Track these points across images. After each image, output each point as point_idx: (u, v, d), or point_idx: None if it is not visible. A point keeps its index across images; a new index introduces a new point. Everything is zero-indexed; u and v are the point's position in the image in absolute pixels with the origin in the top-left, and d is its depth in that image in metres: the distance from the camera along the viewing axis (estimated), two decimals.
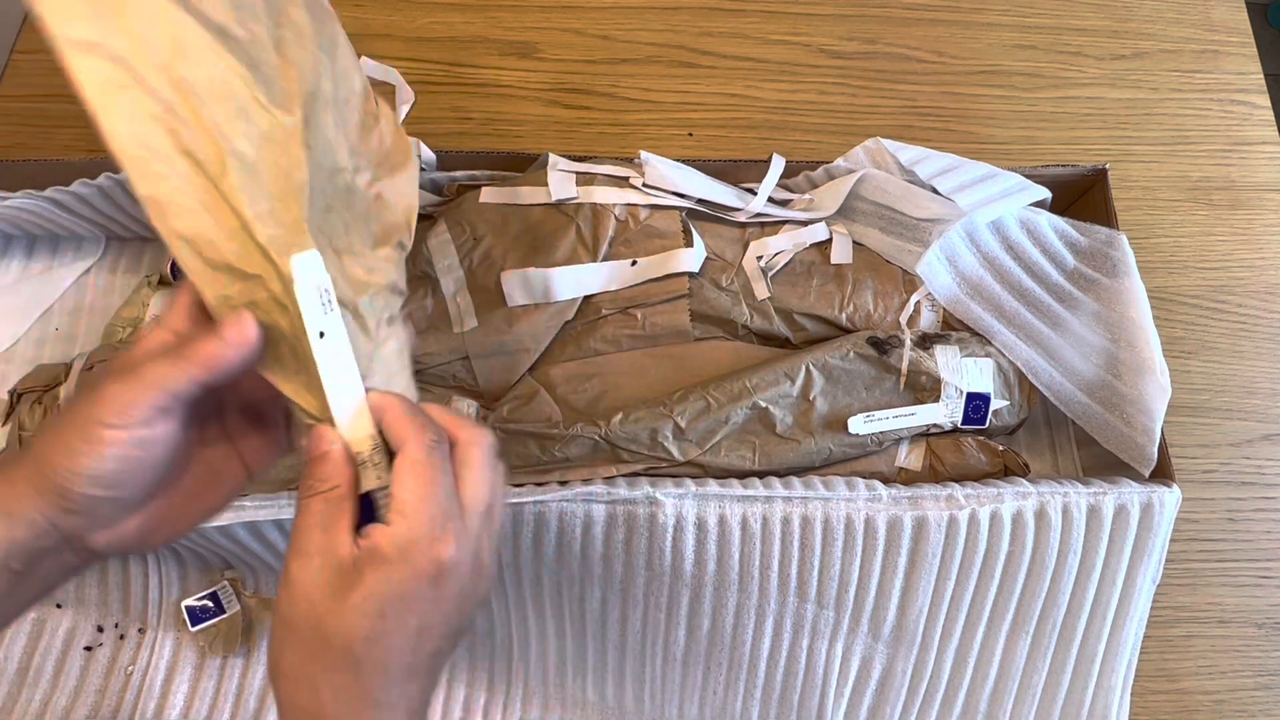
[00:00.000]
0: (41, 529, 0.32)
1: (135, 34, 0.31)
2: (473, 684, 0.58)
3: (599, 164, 0.61)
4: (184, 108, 0.32)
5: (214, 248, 0.32)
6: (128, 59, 0.31)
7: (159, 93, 0.31)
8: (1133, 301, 0.58)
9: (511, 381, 0.58)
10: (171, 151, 0.32)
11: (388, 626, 0.31)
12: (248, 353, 0.33)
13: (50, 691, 0.56)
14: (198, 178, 0.32)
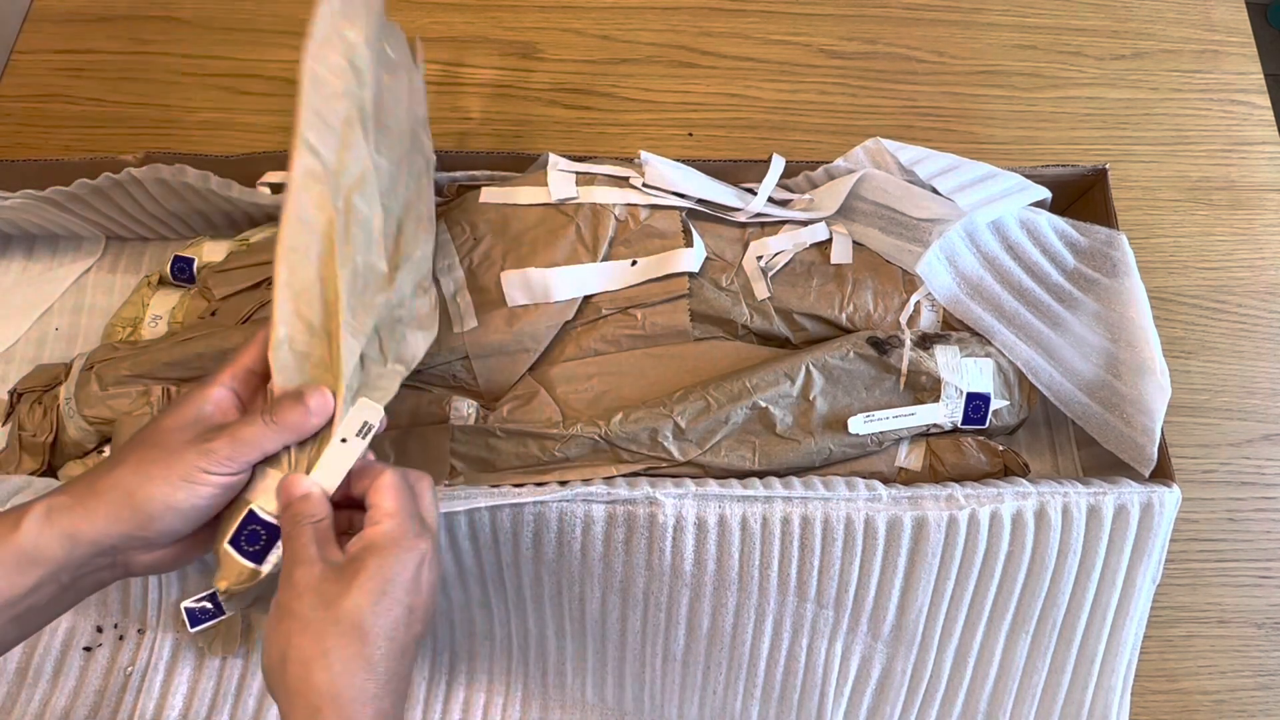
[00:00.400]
0: (102, 549, 0.39)
1: (343, 160, 0.45)
2: (472, 685, 0.58)
3: (599, 164, 0.61)
4: (342, 215, 0.45)
5: (308, 304, 0.44)
6: (331, 170, 0.45)
7: (334, 199, 0.45)
8: (1133, 301, 0.58)
9: (511, 381, 0.58)
10: (319, 230, 0.44)
11: (389, 603, 0.37)
12: (325, 420, 0.42)
13: (49, 692, 0.56)
14: (325, 257, 0.44)
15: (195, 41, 0.78)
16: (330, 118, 0.45)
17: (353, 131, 0.46)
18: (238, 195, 0.61)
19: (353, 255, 0.45)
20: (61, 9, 0.79)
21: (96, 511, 0.39)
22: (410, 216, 0.53)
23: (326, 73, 0.45)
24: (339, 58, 0.46)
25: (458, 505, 0.50)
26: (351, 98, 0.46)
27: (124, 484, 0.39)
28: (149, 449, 0.40)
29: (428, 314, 0.53)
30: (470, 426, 0.56)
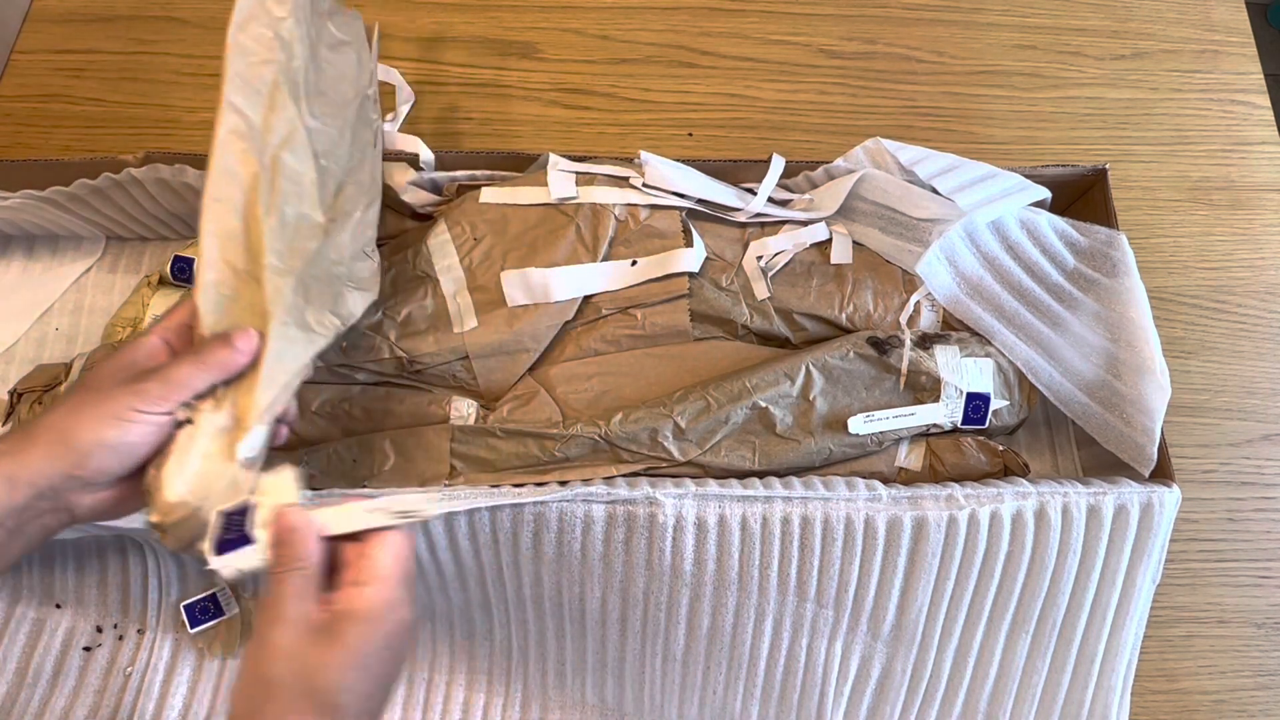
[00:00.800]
0: (41, 491, 0.39)
1: (269, 120, 0.49)
2: (471, 686, 0.58)
3: (599, 164, 0.61)
4: (267, 170, 0.48)
5: (233, 250, 0.47)
6: (256, 128, 0.48)
7: (259, 154, 0.48)
8: (1133, 301, 0.58)
9: (511, 381, 0.58)
10: (244, 183, 0.47)
11: (365, 677, 0.37)
12: (252, 358, 0.44)
13: (49, 691, 0.56)
14: (250, 206, 0.47)
15: (195, 41, 0.78)
16: (255, 82, 0.49)
17: (280, 94, 0.49)
18: None
19: (280, 205, 0.48)
20: (61, 9, 0.79)
21: (31, 454, 0.39)
22: (352, 180, 0.54)
23: (250, 41, 0.49)
24: (263, 29, 0.49)
25: (458, 505, 0.50)
26: (278, 66, 0.49)
27: (58, 425, 0.40)
28: (83, 392, 0.41)
29: (368, 277, 0.54)
30: (470, 426, 0.56)
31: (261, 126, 0.48)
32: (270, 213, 0.47)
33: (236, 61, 0.49)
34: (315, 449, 0.56)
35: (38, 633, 0.57)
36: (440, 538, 0.52)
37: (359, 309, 0.53)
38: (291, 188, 0.49)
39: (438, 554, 0.52)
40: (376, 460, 0.56)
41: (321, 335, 0.49)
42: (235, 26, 0.49)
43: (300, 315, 0.48)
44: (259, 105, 0.49)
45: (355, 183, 0.55)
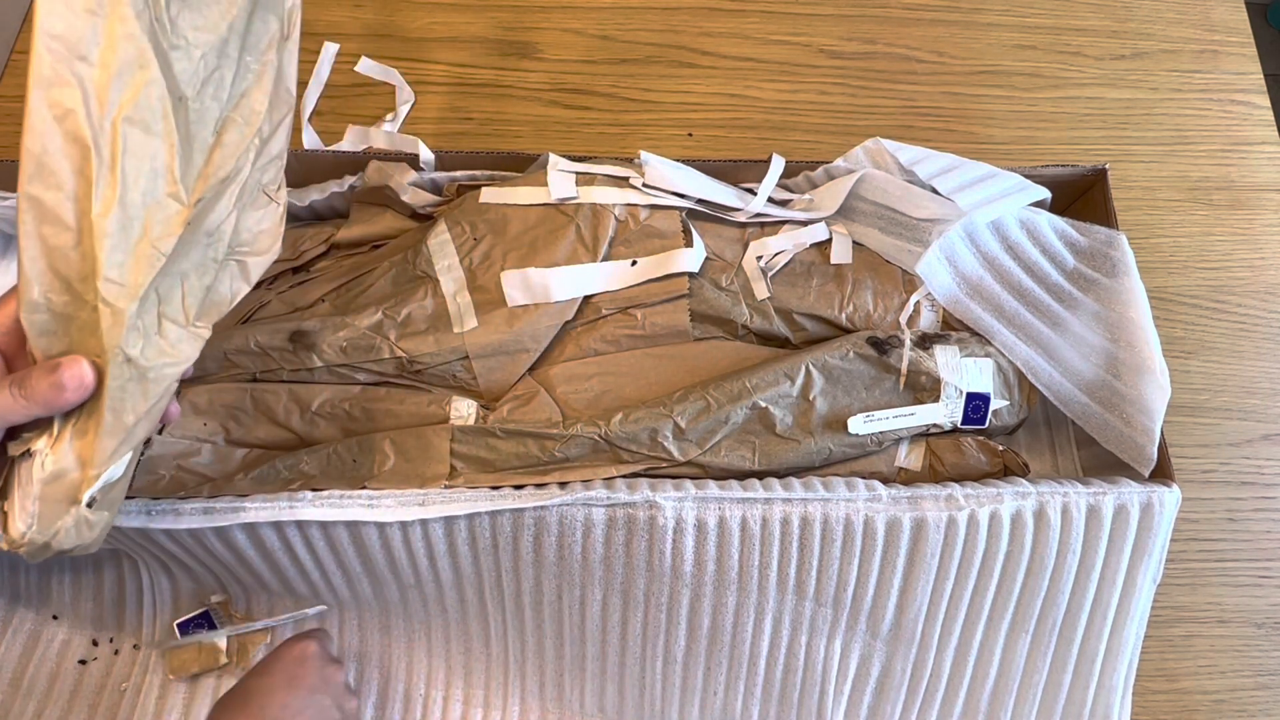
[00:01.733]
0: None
1: (108, 64, 0.35)
2: (469, 700, 0.58)
3: (599, 164, 0.61)
4: (107, 146, 0.35)
5: (65, 261, 0.36)
6: (88, 83, 0.34)
7: (93, 120, 0.35)
8: (1133, 301, 0.58)
9: (511, 381, 0.58)
10: (71, 169, 0.35)
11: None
12: (85, 396, 0.37)
13: (43, 704, 0.55)
14: (82, 201, 0.35)
15: None
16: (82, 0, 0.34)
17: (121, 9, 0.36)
18: None
19: (119, 196, 0.36)
20: None
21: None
22: (240, 113, 0.42)
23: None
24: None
25: (458, 509, 0.50)
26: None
27: None
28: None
29: (268, 229, 0.44)
30: (470, 426, 0.56)
31: (96, 80, 0.35)
32: (107, 209, 0.36)
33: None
34: (315, 449, 0.56)
35: (33, 644, 0.57)
36: (440, 544, 0.51)
37: (252, 278, 0.43)
38: (137, 168, 0.37)
39: (437, 562, 0.52)
40: (376, 460, 0.55)
41: (191, 340, 0.41)
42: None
43: (151, 335, 0.39)
44: (91, 37, 0.35)
45: (245, 114, 0.42)
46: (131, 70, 0.36)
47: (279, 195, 0.44)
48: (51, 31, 0.34)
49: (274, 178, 0.44)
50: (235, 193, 0.41)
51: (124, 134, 0.36)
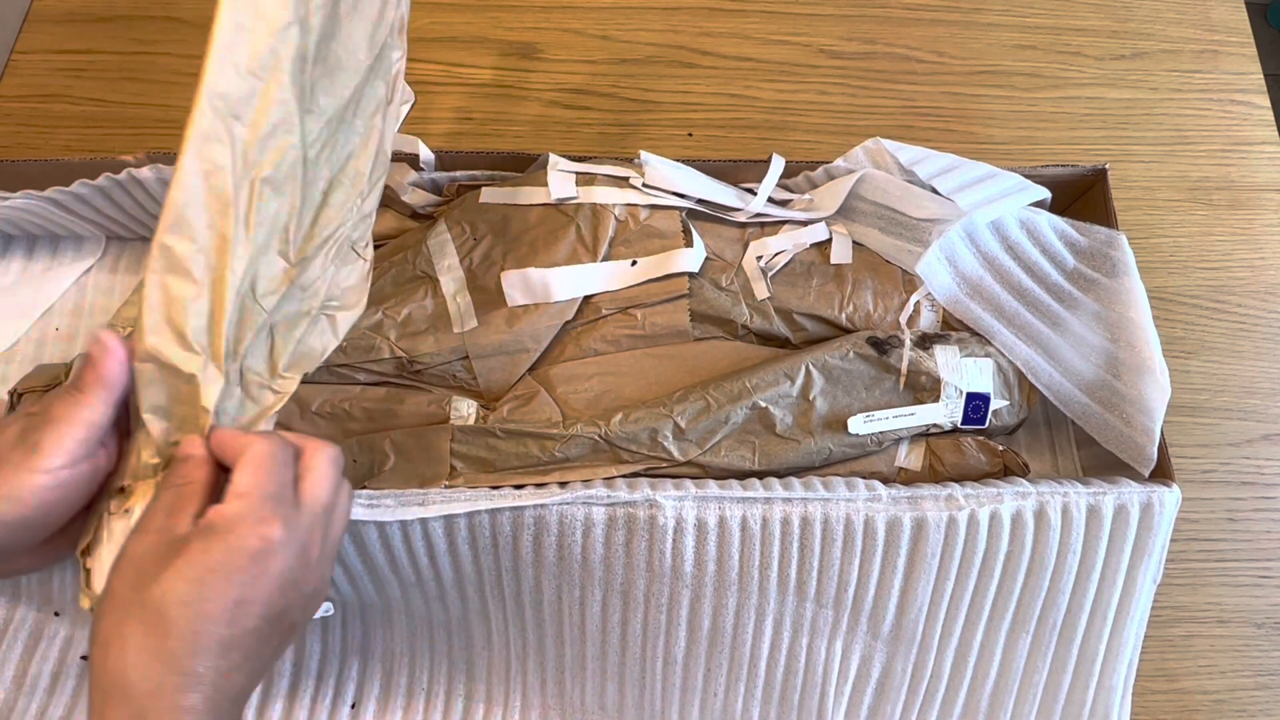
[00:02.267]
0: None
1: (259, 125, 0.36)
2: (471, 695, 0.58)
3: (599, 164, 0.61)
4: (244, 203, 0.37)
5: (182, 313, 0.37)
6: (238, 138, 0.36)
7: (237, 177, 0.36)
8: (1132, 301, 0.58)
9: (511, 381, 0.58)
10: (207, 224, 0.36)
11: (205, 594, 0.33)
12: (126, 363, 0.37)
13: (47, 700, 0.56)
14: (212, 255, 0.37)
15: (195, 41, 0.78)
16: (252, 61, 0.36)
17: (279, 79, 0.37)
18: None
19: (248, 254, 0.38)
20: (61, 9, 0.79)
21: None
22: (346, 175, 0.44)
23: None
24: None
25: (458, 508, 0.50)
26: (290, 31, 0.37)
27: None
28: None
29: (355, 285, 0.45)
30: (470, 426, 0.56)
31: (247, 136, 0.37)
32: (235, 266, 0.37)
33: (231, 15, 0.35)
34: None
35: (36, 640, 0.57)
36: (440, 543, 0.51)
37: (340, 333, 0.44)
38: (263, 225, 0.38)
39: (438, 561, 0.52)
40: (376, 460, 0.56)
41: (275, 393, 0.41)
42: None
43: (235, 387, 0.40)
44: (249, 98, 0.36)
45: (350, 173, 0.44)
46: (278, 133, 0.38)
47: (366, 252, 0.46)
48: (217, 90, 0.35)
49: (363, 235, 0.46)
50: (332, 251, 0.43)
51: (260, 193, 0.38)
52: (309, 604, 0.37)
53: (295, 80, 0.38)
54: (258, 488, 0.35)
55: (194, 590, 0.33)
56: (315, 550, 0.36)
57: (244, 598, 0.33)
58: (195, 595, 0.33)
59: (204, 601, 0.33)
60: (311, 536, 0.36)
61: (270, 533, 0.34)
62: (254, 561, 0.34)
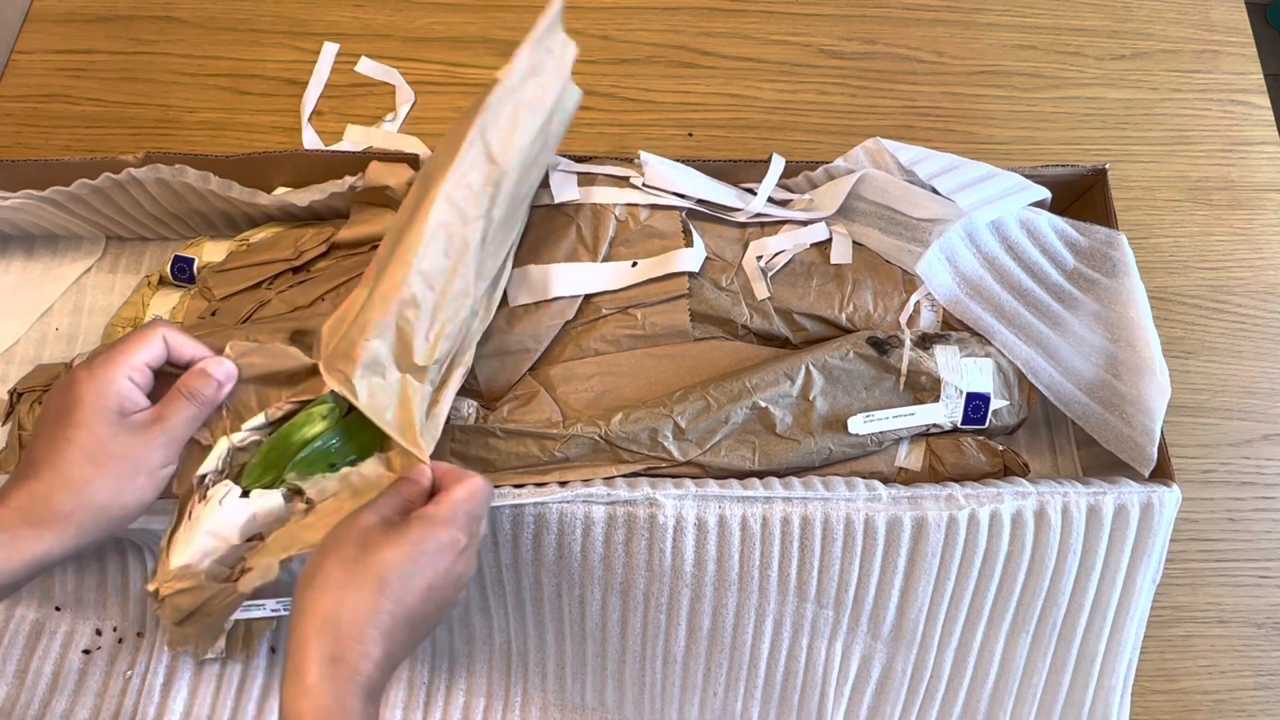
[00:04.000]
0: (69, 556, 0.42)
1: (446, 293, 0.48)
2: (471, 690, 0.58)
3: (599, 164, 0.61)
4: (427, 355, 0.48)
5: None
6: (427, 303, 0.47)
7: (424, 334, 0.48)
8: (1132, 301, 0.58)
9: (511, 381, 0.58)
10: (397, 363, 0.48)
11: (413, 570, 0.40)
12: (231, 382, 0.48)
13: (49, 694, 0.56)
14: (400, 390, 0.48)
15: (195, 41, 0.78)
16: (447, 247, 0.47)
17: (464, 264, 0.48)
18: (238, 195, 0.61)
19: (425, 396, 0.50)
20: (61, 9, 0.79)
21: (67, 533, 0.41)
22: (482, 308, 0.54)
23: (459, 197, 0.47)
24: (477, 179, 0.48)
25: None
26: (475, 227, 0.48)
27: (94, 502, 0.42)
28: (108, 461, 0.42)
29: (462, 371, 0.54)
30: (470, 426, 0.56)
31: (435, 300, 0.47)
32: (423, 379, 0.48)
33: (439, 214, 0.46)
34: None
35: (37, 635, 0.57)
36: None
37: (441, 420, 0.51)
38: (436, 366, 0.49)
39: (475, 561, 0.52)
40: None
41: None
42: (449, 185, 0.47)
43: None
44: (443, 274, 0.47)
45: (483, 309, 0.54)
46: (457, 300, 0.49)
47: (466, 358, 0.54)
48: (421, 269, 0.46)
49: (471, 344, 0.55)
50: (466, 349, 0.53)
51: (439, 347, 0.48)
52: (446, 611, 0.44)
53: (476, 257, 0.49)
54: (465, 504, 0.43)
55: (408, 565, 0.40)
56: (474, 558, 0.44)
57: (434, 584, 0.41)
58: (408, 569, 0.40)
59: (413, 577, 0.40)
60: (475, 546, 0.44)
61: (462, 539, 0.42)
62: (447, 558, 0.42)
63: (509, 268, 0.56)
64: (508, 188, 0.49)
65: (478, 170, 0.48)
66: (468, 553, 0.43)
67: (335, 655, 0.38)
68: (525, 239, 0.59)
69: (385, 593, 0.39)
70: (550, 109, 0.51)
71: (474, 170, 0.48)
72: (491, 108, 0.48)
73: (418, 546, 0.41)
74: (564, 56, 0.52)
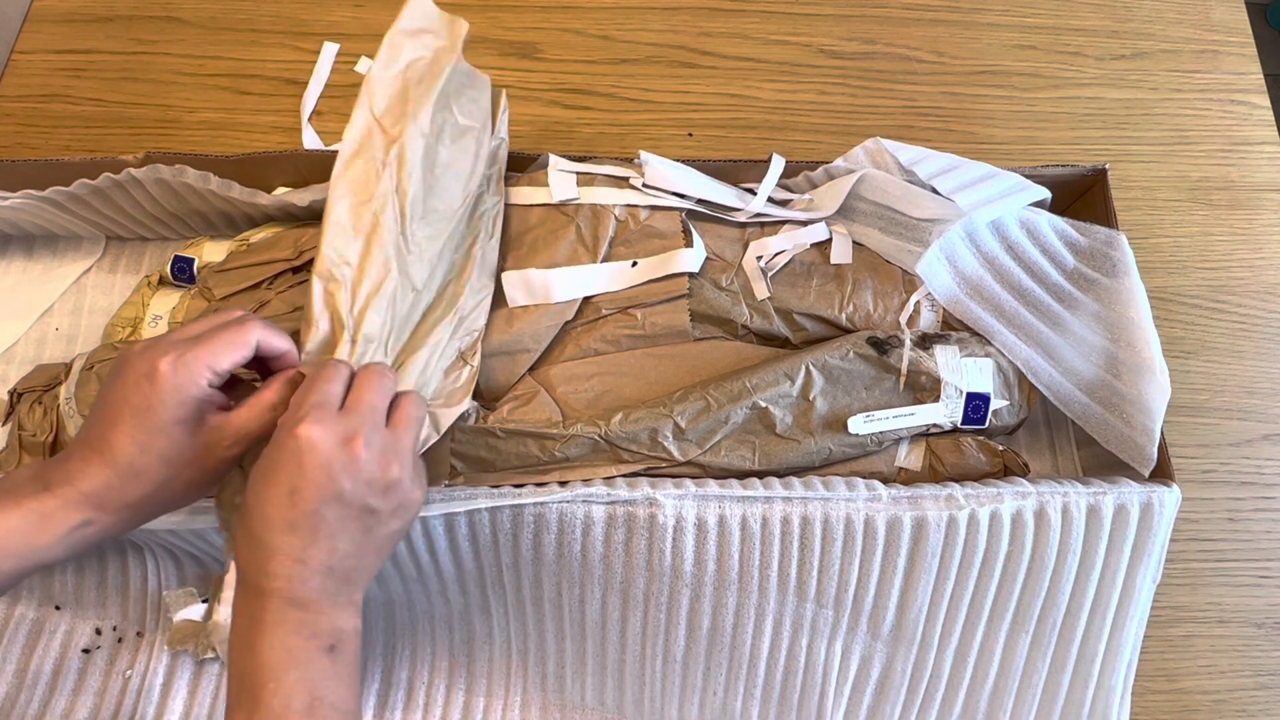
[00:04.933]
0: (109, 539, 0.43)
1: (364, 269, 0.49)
2: (471, 689, 0.58)
3: (599, 164, 0.61)
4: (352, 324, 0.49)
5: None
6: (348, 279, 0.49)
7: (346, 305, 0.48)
8: (1132, 301, 0.58)
9: (511, 381, 0.58)
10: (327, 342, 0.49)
11: (261, 488, 0.40)
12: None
13: (49, 693, 0.56)
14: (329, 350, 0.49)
15: (195, 41, 0.78)
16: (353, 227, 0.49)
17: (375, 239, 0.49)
18: (238, 195, 0.61)
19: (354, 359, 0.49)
20: (61, 9, 0.79)
21: (131, 521, 0.43)
22: (444, 296, 0.54)
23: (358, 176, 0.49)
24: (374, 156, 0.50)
25: (457, 506, 0.50)
26: (380, 202, 0.50)
27: (163, 501, 0.43)
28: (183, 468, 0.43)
29: (461, 387, 0.54)
30: (470, 426, 0.56)
31: (354, 276, 0.49)
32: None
33: (339, 205, 0.49)
34: None
35: (37, 634, 0.57)
36: (441, 540, 0.52)
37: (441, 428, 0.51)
38: (367, 339, 0.49)
39: (438, 557, 0.52)
40: None
41: None
42: (341, 165, 0.49)
43: None
44: (356, 250, 0.49)
45: (449, 295, 0.54)
46: (379, 271, 0.49)
47: (474, 359, 0.55)
48: (331, 244, 0.48)
49: (470, 346, 0.55)
50: (433, 359, 0.52)
51: (366, 318, 0.49)
52: (386, 494, 0.42)
53: (390, 233, 0.50)
54: (302, 398, 0.42)
55: (255, 485, 0.41)
56: (359, 443, 0.41)
57: (294, 486, 0.40)
58: (257, 489, 0.40)
59: (262, 492, 0.40)
60: (355, 431, 0.41)
61: (306, 431, 0.40)
62: (294, 456, 0.40)
63: (484, 254, 0.57)
64: (413, 158, 0.51)
65: (374, 145, 0.50)
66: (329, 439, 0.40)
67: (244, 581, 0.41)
68: (524, 239, 0.59)
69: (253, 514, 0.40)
70: (444, 78, 0.53)
71: (369, 146, 0.50)
72: (370, 89, 0.51)
73: (258, 467, 0.41)
74: (453, 30, 0.54)
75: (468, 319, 0.55)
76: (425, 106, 0.51)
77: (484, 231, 0.57)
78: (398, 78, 0.51)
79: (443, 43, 0.53)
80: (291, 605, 0.39)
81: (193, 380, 0.42)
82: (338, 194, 0.49)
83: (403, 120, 0.51)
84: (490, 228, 0.58)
